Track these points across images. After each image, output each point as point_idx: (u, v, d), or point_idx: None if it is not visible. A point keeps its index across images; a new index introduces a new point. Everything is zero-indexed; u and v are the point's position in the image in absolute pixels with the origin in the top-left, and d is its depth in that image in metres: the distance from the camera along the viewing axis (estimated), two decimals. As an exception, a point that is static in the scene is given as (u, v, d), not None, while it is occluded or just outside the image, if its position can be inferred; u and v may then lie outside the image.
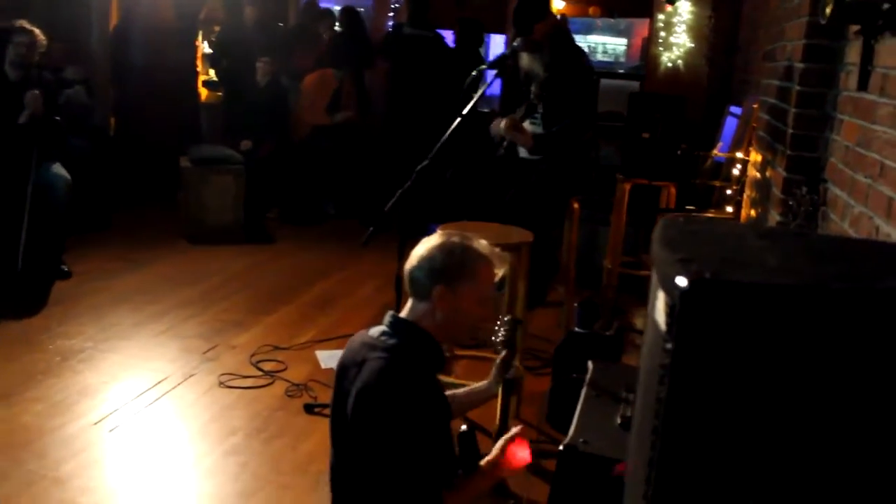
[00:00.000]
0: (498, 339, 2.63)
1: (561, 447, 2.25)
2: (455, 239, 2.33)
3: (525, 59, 4.90)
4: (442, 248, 2.30)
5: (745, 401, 0.88)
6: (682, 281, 0.87)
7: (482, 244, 2.36)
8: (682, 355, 0.88)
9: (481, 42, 7.86)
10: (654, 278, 1.01)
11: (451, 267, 2.28)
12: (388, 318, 2.36)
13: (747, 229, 1.11)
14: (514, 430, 2.36)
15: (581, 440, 2.25)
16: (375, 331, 2.36)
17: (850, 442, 0.89)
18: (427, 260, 2.30)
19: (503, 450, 2.35)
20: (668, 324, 0.91)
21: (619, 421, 2.38)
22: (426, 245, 2.33)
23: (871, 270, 0.96)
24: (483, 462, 2.39)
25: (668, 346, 0.90)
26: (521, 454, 2.30)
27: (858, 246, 1.11)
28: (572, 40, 5.16)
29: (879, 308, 0.85)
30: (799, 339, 0.87)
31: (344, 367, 2.36)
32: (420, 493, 2.18)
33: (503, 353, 2.62)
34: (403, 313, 2.37)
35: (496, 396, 2.65)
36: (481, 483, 2.37)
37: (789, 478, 0.89)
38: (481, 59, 7.56)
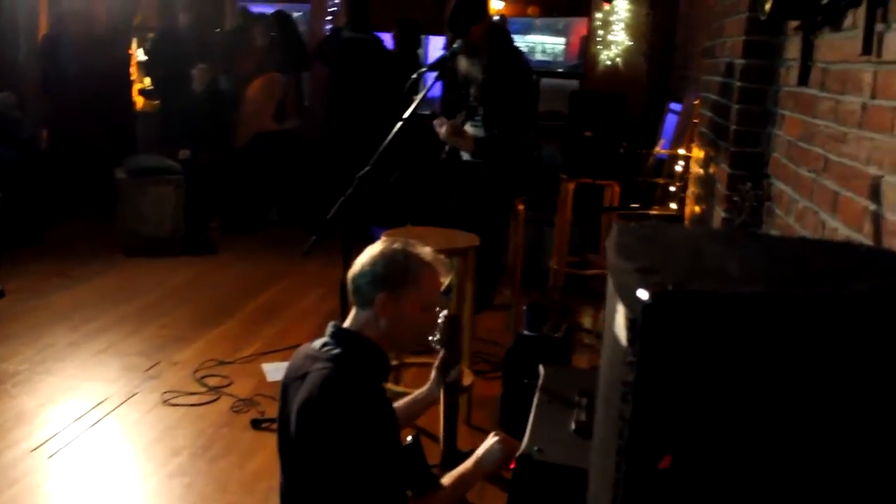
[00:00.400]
0: (436, 339, 2.54)
1: (516, 457, 2.20)
2: (397, 245, 2.28)
3: (463, 63, 4.85)
4: (384, 255, 2.26)
5: (715, 416, 0.84)
6: (643, 294, 0.83)
7: (425, 251, 2.31)
8: (647, 372, 0.84)
9: (420, 44, 7.81)
10: (611, 288, 0.96)
11: (394, 274, 2.23)
12: (330, 328, 2.30)
13: (703, 233, 1.07)
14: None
15: (536, 449, 2.20)
16: (318, 342, 2.30)
17: (824, 450, 0.85)
18: (369, 267, 2.25)
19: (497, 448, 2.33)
20: (630, 339, 0.86)
21: (573, 427, 2.34)
22: (369, 252, 2.28)
23: (834, 274, 0.93)
24: (469, 462, 2.36)
25: (631, 361, 0.85)
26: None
27: (815, 247, 1.08)
28: (511, 41, 5.12)
29: (848, 314, 0.81)
30: (767, 349, 0.83)
31: (287, 382, 2.29)
32: None
33: (442, 353, 2.54)
34: (347, 323, 2.31)
35: (438, 401, 2.59)
36: (470, 482, 2.36)
37: (763, 497, 0.85)
38: (420, 63, 7.50)
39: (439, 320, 2.48)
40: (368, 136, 4.53)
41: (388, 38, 7.72)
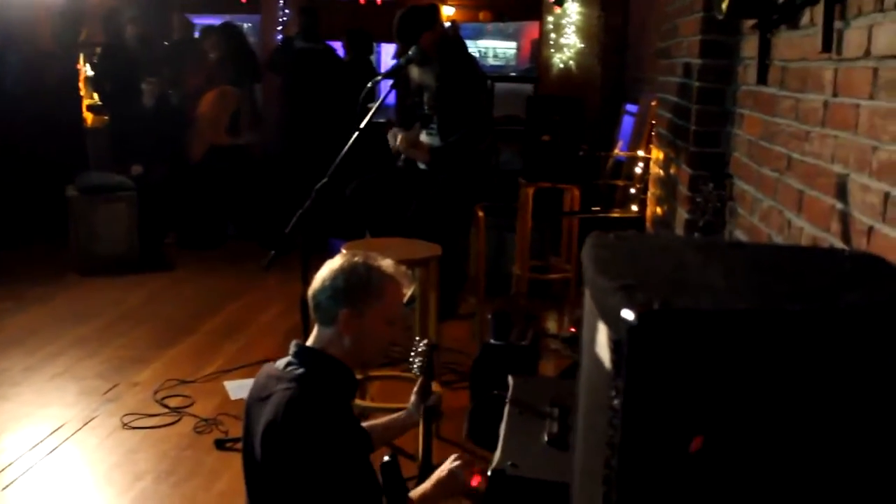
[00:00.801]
0: (414, 366, 2.53)
1: (489, 472, 2.15)
2: (358, 259, 2.23)
3: (415, 71, 4.80)
4: (344, 270, 2.20)
5: (709, 440, 0.80)
6: (628, 314, 0.78)
7: (386, 263, 2.26)
8: (636, 397, 0.79)
9: (371, 52, 7.75)
10: (589, 305, 0.92)
11: (356, 288, 2.18)
12: (293, 347, 2.24)
13: (682, 242, 1.03)
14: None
15: (509, 463, 2.15)
16: (281, 362, 2.24)
17: (826, 473, 0.81)
18: (330, 283, 2.19)
19: (456, 471, 2.27)
20: (615, 361, 0.81)
21: (546, 439, 2.30)
22: (329, 267, 2.23)
23: (824, 285, 0.89)
24: (429, 483, 2.30)
25: (618, 385, 0.81)
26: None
27: (799, 255, 1.04)
28: (463, 48, 5.09)
29: (844, 327, 0.77)
30: (761, 367, 0.79)
31: (251, 403, 2.23)
32: None
33: (420, 379, 2.51)
34: (310, 341, 2.25)
35: (417, 425, 2.55)
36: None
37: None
38: (374, 70, 7.44)
39: (419, 348, 2.47)
40: (325, 146, 4.46)
41: (338, 48, 7.67)
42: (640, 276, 0.87)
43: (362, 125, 3.57)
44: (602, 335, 0.86)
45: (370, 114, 3.58)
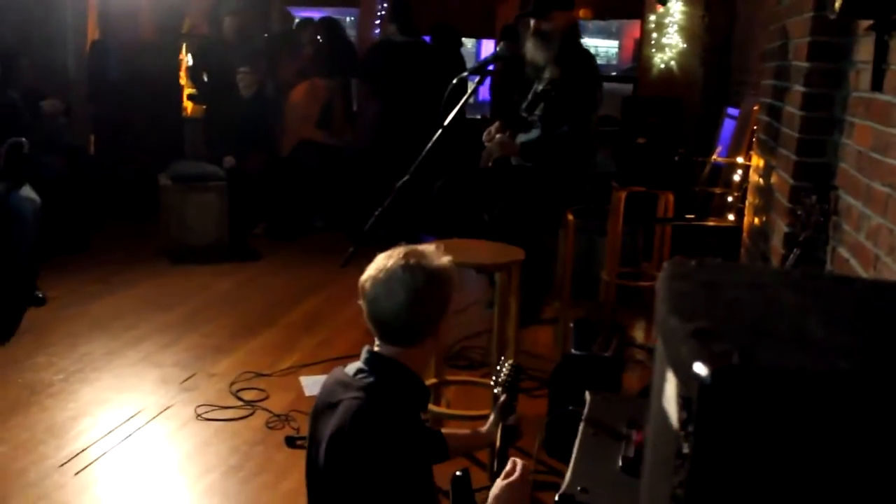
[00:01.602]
0: (499, 383, 2.43)
1: (557, 498, 2.02)
2: (419, 276, 2.04)
3: (530, 47, 4.65)
4: (415, 293, 2.03)
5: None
6: (701, 369, 0.65)
7: (445, 263, 2.12)
8: (703, 468, 0.66)
9: (460, 45, 7.63)
10: (660, 350, 0.78)
11: (437, 311, 2.09)
12: (364, 353, 2.15)
13: (775, 278, 0.88)
14: (517, 471, 2.11)
15: (578, 488, 2.02)
16: (351, 368, 2.15)
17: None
18: (407, 306, 2.03)
19: (504, 495, 2.11)
20: (683, 421, 0.68)
21: (620, 463, 2.15)
22: (399, 284, 2.04)
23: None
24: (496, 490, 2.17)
25: (684, 450, 0.67)
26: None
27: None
28: (582, 44, 4.93)
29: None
30: (863, 445, 0.64)
31: (318, 409, 2.15)
32: None
33: (503, 397, 2.40)
34: (382, 348, 2.15)
35: (494, 443, 2.44)
36: None
37: None
38: (463, 65, 7.33)
39: (504, 369, 2.38)
40: (418, 142, 4.36)
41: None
42: (721, 319, 0.73)
43: (447, 122, 3.46)
44: (670, 387, 0.73)
45: (456, 110, 3.47)
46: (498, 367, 2.50)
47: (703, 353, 0.65)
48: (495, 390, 2.46)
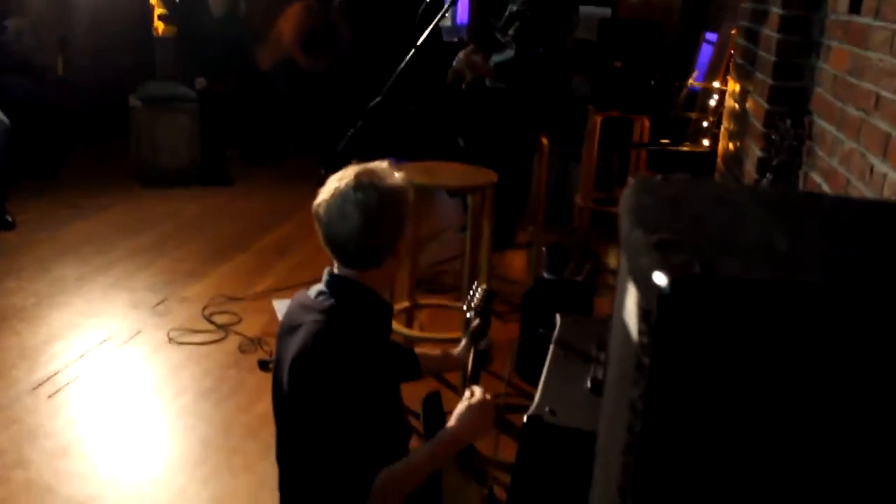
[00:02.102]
0: (471, 307, 2.42)
1: (525, 418, 2.03)
2: (371, 194, 1.99)
3: None
4: (370, 210, 1.98)
5: (748, 440, 0.65)
6: (661, 278, 0.63)
7: (399, 180, 2.06)
8: (662, 381, 0.65)
9: None
10: (623, 264, 0.77)
11: (394, 231, 2.05)
12: (325, 275, 2.11)
13: (744, 193, 0.87)
14: (477, 394, 2.10)
15: (547, 409, 2.03)
16: (314, 290, 2.13)
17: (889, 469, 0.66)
18: (361, 228, 1.99)
19: (465, 417, 2.11)
20: (643, 333, 0.67)
21: (589, 385, 2.17)
22: (353, 205, 1.98)
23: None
24: (441, 432, 2.17)
25: (642, 365, 0.66)
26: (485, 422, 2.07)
27: (884, 212, 0.87)
28: None
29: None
30: (823, 357, 0.63)
31: (282, 333, 2.14)
32: (356, 468, 1.96)
33: (475, 322, 2.40)
34: (343, 269, 2.12)
35: (465, 365, 2.44)
36: (438, 453, 2.13)
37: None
38: None
39: (477, 294, 2.36)
40: (390, 64, 4.28)
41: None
42: (684, 231, 0.71)
43: (419, 42, 3.39)
44: (631, 300, 0.72)
45: (427, 31, 3.39)
46: (470, 292, 2.49)
47: (664, 264, 0.64)
48: (467, 315, 2.46)
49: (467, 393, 2.11)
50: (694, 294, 0.62)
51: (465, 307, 2.48)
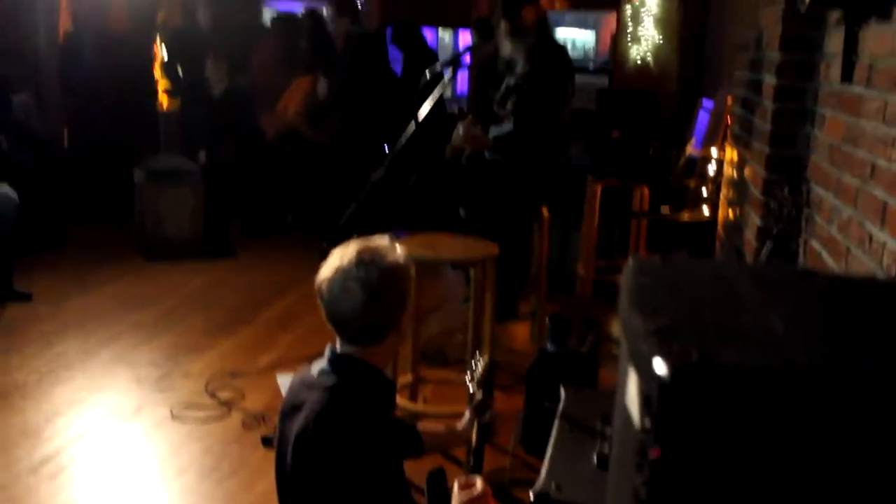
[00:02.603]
0: (473, 381, 2.41)
1: (532, 495, 2.01)
2: (373, 272, 2.02)
3: (506, 46, 4.67)
4: (373, 288, 2.00)
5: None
6: (661, 366, 0.64)
7: (399, 256, 2.09)
8: (664, 469, 0.65)
9: (420, 36, 7.53)
10: (624, 348, 0.77)
11: (395, 307, 2.08)
12: (327, 352, 2.12)
13: (740, 273, 0.88)
14: (478, 486, 2.08)
15: (554, 485, 2.01)
16: (315, 368, 2.13)
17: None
18: (363, 304, 2.01)
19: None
20: (644, 418, 0.67)
21: (595, 461, 2.15)
22: (355, 282, 2.01)
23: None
24: None
25: (646, 448, 0.66)
26: None
27: (881, 290, 0.88)
28: (554, 35, 4.95)
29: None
30: (825, 443, 0.63)
31: (285, 411, 2.14)
32: None
33: (478, 395, 2.39)
34: (345, 347, 2.12)
35: (469, 440, 2.42)
36: None
37: None
38: (431, 57, 7.31)
39: (478, 363, 2.37)
40: (382, 135, 4.35)
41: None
42: (682, 316, 0.72)
43: (420, 116, 3.44)
44: (633, 385, 0.72)
45: (429, 104, 3.45)
46: (472, 364, 2.49)
47: (663, 351, 0.65)
48: (470, 388, 2.45)
49: (461, 479, 2.08)
50: (693, 382, 0.63)
51: (467, 379, 2.48)
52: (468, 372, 2.49)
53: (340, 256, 2.05)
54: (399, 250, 2.11)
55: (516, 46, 4.65)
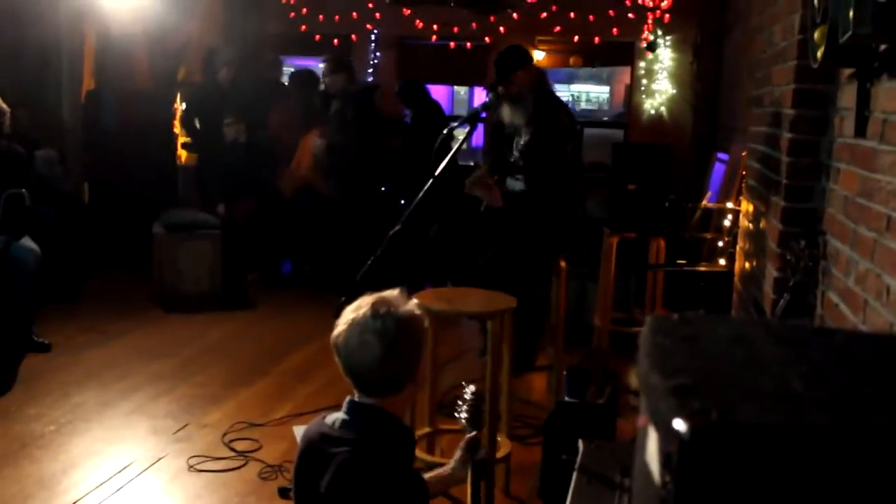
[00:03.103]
0: (462, 417, 2.40)
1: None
2: (389, 323, 2.06)
3: (506, 112, 4.73)
4: (390, 341, 2.05)
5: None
6: (680, 426, 0.65)
7: (411, 307, 2.14)
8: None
9: (423, 96, 7.65)
10: (643, 406, 0.79)
11: (411, 359, 2.12)
12: (346, 404, 2.15)
13: (759, 330, 0.89)
14: None
15: (572, 539, 2.00)
16: (332, 418, 2.17)
17: None
18: (382, 358, 2.05)
19: None
20: (664, 476, 0.68)
21: (614, 513, 2.13)
22: (372, 335, 2.05)
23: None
24: None
25: (666, 507, 0.68)
26: None
27: (896, 347, 0.89)
28: (554, 92, 5.00)
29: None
30: (840, 497, 0.65)
31: (303, 464, 2.15)
32: None
33: (470, 433, 2.38)
34: (362, 398, 2.14)
35: (464, 480, 2.42)
36: None
37: None
38: (439, 111, 7.44)
39: (467, 397, 2.35)
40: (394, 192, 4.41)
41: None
42: (700, 375, 0.73)
43: (437, 172, 3.49)
44: (652, 443, 0.74)
45: (446, 161, 3.50)
46: (461, 400, 2.45)
47: (683, 410, 0.66)
48: (461, 423, 2.42)
49: None
50: (712, 440, 0.65)
51: (456, 414, 2.45)
52: (457, 405, 2.46)
53: (355, 310, 2.09)
54: (412, 301, 2.14)
55: (515, 111, 4.72)
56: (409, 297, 2.19)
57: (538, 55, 8.42)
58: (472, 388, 2.40)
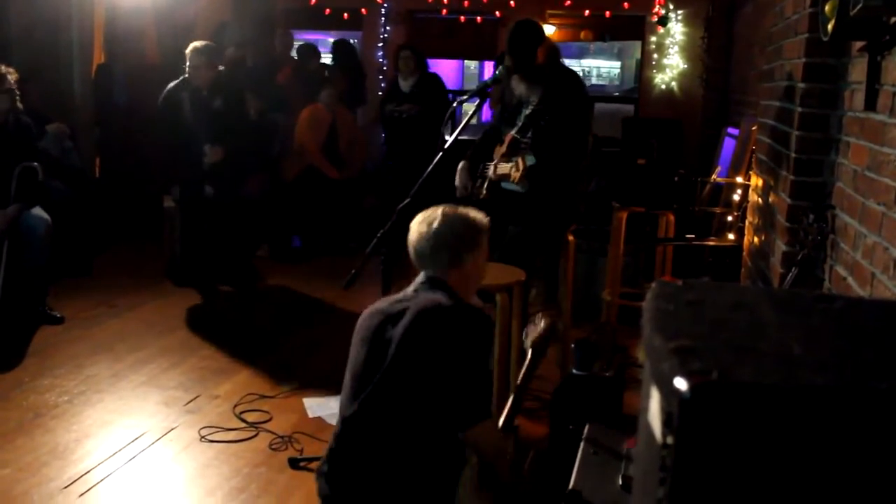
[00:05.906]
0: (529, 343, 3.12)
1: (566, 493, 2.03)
2: (458, 214, 2.61)
3: (521, 87, 4.64)
4: (454, 223, 2.57)
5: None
6: (681, 384, 0.67)
7: (477, 214, 2.67)
8: (684, 483, 0.68)
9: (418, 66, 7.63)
10: (646, 368, 0.81)
11: (471, 239, 2.60)
12: (422, 276, 2.60)
13: (761, 296, 0.90)
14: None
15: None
16: (407, 290, 2.62)
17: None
18: (451, 233, 2.56)
19: None
20: (666, 435, 0.70)
21: (620, 482, 2.17)
22: (438, 219, 2.57)
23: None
24: None
25: (666, 464, 0.69)
26: None
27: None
28: (566, 66, 4.95)
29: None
30: (839, 457, 0.66)
31: (375, 327, 2.50)
32: (483, 410, 2.49)
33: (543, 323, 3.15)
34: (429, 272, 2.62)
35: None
36: None
37: None
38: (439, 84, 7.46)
39: (540, 324, 3.15)
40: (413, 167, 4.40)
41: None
42: (702, 337, 0.75)
43: (446, 146, 3.50)
44: (654, 403, 0.75)
45: (454, 135, 3.50)
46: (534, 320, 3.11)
47: (683, 370, 0.68)
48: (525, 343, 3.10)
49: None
50: (712, 399, 0.66)
51: (524, 336, 2.92)
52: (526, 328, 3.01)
53: (430, 212, 2.64)
54: (482, 216, 2.68)
55: (530, 87, 4.61)
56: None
57: (549, 29, 8.37)
58: (546, 320, 3.17)
